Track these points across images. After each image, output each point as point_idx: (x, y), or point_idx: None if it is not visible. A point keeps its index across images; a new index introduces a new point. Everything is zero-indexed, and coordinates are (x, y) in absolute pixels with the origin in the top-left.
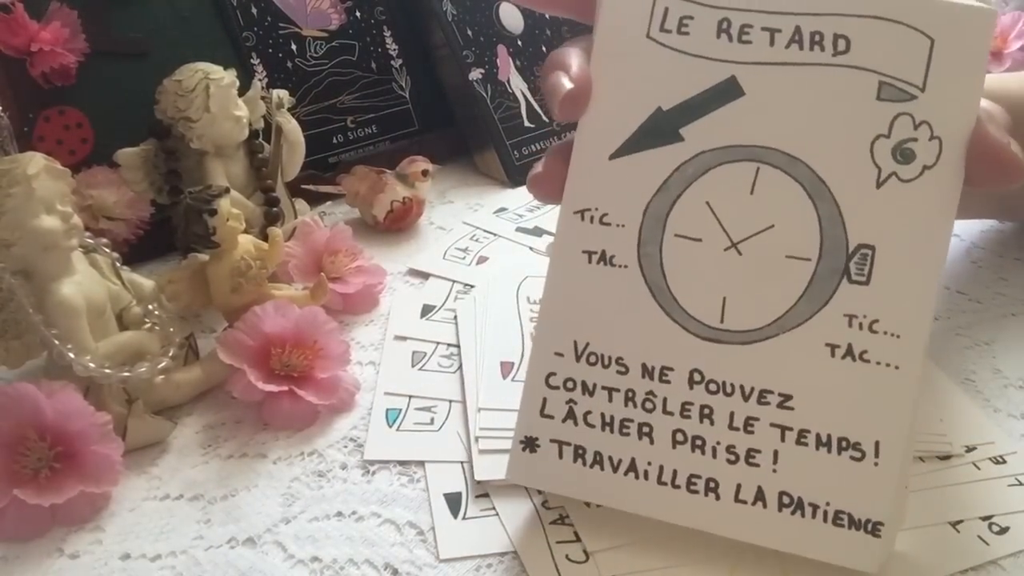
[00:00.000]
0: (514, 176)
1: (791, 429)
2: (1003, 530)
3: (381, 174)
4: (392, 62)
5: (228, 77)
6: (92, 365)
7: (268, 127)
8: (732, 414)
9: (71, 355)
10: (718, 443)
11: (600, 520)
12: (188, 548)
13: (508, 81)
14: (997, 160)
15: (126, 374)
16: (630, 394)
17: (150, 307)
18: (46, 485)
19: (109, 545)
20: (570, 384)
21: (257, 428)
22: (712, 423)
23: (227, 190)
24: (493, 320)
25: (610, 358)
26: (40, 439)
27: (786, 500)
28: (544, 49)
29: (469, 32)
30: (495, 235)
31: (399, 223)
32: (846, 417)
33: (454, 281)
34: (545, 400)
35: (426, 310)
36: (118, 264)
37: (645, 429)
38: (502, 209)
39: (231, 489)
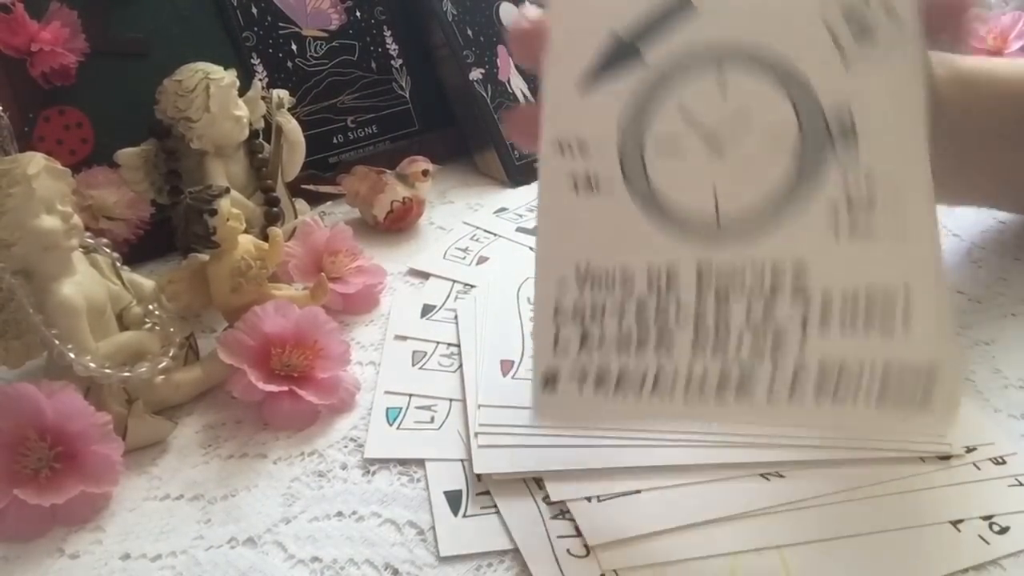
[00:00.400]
0: (514, 176)
1: (811, 314)
2: (1004, 530)
3: (381, 174)
4: (392, 62)
5: (228, 77)
6: (92, 365)
7: (268, 127)
8: (748, 309)
9: (71, 355)
10: (740, 340)
11: (600, 515)
12: (188, 548)
13: (508, 81)
14: None
15: (126, 374)
16: (640, 309)
17: (150, 307)
18: (46, 485)
19: (109, 545)
20: (578, 312)
21: (257, 428)
22: (728, 322)
23: (227, 190)
24: (493, 320)
25: (613, 277)
26: (40, 439)
27: (822, 385)
28: None
29: (469, 32)
30: (495, 235)
31: (399, 223)
32: (863, 292)
33: (454, 281)
34: (557, 334)
35: (426, 310)
36: (118, 264)
37: (662, 342)
38: (502, 209)
39: (231, 489)
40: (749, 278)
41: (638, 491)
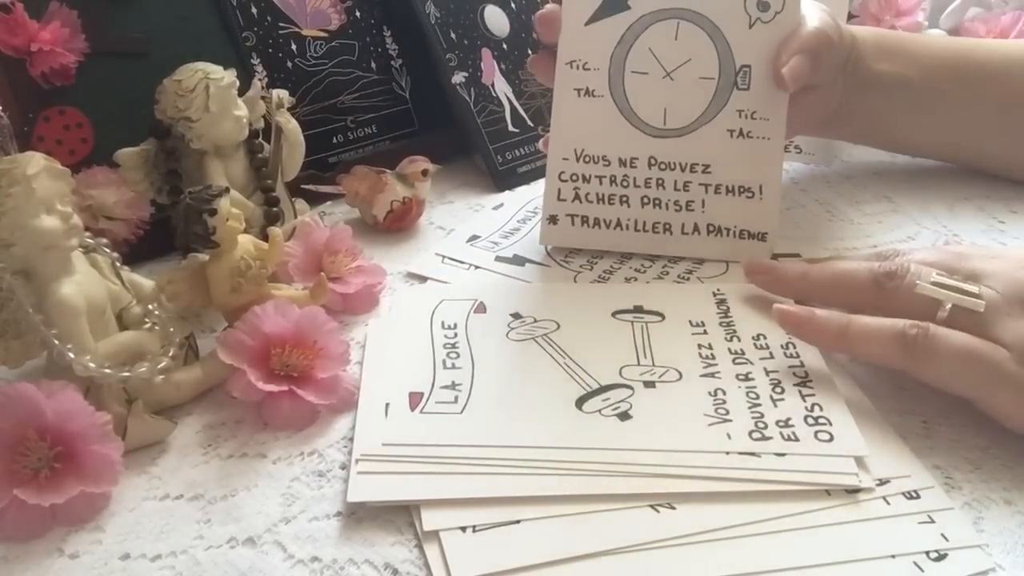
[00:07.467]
0: (498, 180)
1: (711, 185)
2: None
3: (381, 174)
4: (392, 62)
5: (228, 77)
6: (92, 365)
7: (268, 127)
8: (676, 181)
9: (71, 355)
10: (669, 200)
11: (474, 546)
12: (188, 548)
13: (492, 85)
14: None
15: (126, 374)
16: (613, 178)
17: (150, 307)
18: (46, 485)
19: (109, 545)
20: (575, 177)
21: (257, 428)
22: (664, 188)
23: (227, 190)
24: (404, 348)
25: (598, 156)
26: (40, 439)
27: (711, 229)
28: (530, 52)
29: (453, 35)
30: (475, 266)
31: (399, 223)
32: (743, 173)
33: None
34: (559, 190)
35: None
36: (118, 264)
37: (624, 199)
38: (500, 205)
39: (231, 489)
40: (679, 163)
41: (517, 521)
